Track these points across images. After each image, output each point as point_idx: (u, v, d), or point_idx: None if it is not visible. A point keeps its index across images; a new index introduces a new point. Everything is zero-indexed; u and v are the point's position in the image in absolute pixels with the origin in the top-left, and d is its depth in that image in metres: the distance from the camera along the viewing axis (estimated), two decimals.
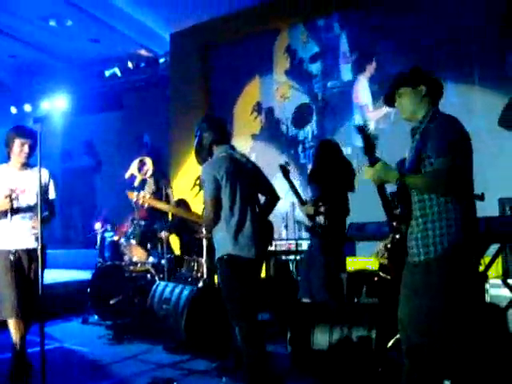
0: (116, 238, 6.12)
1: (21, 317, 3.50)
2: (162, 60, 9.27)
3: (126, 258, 5.88)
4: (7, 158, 3.76)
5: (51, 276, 5.83)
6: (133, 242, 5.69)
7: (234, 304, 3.36)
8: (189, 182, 5.98)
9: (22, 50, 9.18)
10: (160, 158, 8.12)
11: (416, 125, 2.68)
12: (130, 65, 9.44)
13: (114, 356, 4.49)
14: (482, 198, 4.16)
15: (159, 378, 3.66)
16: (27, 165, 3.76)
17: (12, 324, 3.51)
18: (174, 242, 6.07)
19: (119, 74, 9.65)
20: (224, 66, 7.99)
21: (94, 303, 5.67)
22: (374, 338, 3.66)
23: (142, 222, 5.78)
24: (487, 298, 4.61)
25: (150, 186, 5.76)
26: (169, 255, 5.49)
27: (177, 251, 6.04)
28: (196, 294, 4.59)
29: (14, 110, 10.50)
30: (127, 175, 5.73)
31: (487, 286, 4.63)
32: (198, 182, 5.30)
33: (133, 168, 5.72)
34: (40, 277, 3.27)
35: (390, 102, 2.80)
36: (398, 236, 2.64)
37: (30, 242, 3.69)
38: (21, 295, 3.46)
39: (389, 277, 2.70)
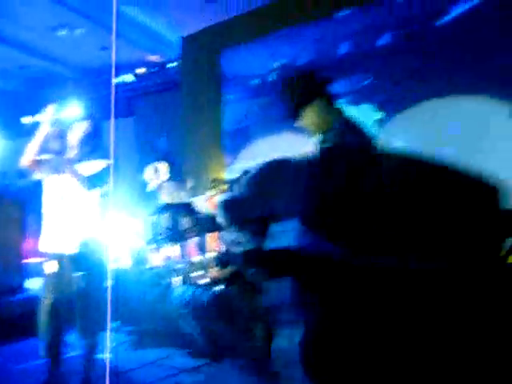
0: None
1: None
2: (172, 64, 9.26)
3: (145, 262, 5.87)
4: None
5: None
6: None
7: None
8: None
9: (31, 61, 9.23)
10: (175, 163, 8.10)
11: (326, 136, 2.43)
12: (140, 70, 9.45)
13: (136, 362, 4.49)
14: None
15: (182, 383, 3.63)
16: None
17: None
18: None
19: (130, 79, 9.67)
20: (237, 69, 7.93)
21: (115, 309, 5.65)
22: None
23: None
24: None
25: (167, 190, 5.75)
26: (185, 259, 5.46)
27: None
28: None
29: (25, 120, 10.53)
30: (147, 180, 5.74)
31: None
32: (213, 184, 5.30)
33: (148, 175, 5.71)
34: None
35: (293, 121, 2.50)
36: None
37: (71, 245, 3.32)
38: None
39: None
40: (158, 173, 5.63)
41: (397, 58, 6.02)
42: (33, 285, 5.83)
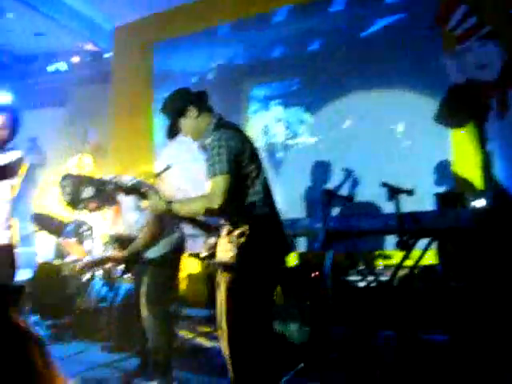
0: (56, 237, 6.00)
1: None
2: (108, 55, 9.09)
3: (66, 256, 5.79)
4: None
5: None
6: (71, 240, 5.58)
7: None
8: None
9: None
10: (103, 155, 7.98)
11: (205, 140, 2.69)
12: (75, 59, 9.24)
13: (53, 356, 4.40)
14: (411, 192, 4.30)
15: (90, 378, 3.63)
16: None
17: None
18: None
19: (64, 68, 9.44)
20: (169, 63, 7.85)
21: (34, 302, 5.57)
22: None
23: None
24: None
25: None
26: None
27: None
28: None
29: None
30: (65, 172, 5.60)
31: None
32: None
33: (72, 165, 5.62)
34: None
35: (174, 135, 2.79)
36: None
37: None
38: None
39: None
40: (82, 164, 5.56)
41: (325, 63, 6.18)
42: None
